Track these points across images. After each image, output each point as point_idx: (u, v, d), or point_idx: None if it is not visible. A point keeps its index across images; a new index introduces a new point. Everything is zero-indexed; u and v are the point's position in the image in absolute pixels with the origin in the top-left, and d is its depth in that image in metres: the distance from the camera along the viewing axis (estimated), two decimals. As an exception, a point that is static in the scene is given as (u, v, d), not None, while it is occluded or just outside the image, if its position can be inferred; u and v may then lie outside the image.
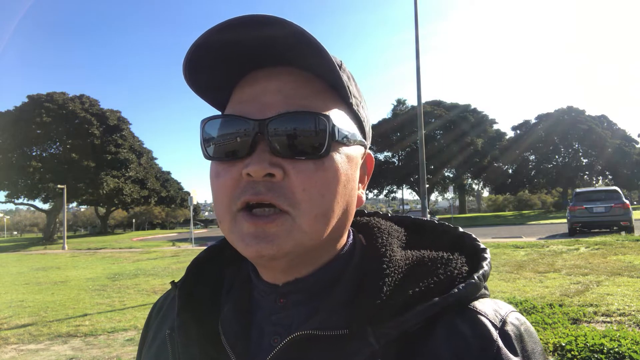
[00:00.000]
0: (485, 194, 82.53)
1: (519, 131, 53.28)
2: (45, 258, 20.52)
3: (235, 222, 0.54)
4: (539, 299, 6.20)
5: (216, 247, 0.72)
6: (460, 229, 0.64)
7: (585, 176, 52.63)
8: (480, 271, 0.55)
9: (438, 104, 54.71)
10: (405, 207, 63.19)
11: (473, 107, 55.37)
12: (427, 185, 20.15)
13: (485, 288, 0.57)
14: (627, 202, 16.55)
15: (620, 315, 5.32)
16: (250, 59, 0.56)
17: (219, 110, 0.63)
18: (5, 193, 39.32)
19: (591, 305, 5.80)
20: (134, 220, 68.51)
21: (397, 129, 51.69)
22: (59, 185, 30.47)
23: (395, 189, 58.73)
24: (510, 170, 54.02)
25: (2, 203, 41.93)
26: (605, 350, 3.75)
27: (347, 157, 0.57)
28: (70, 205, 61.80)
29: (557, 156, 51.65)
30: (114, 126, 42.03)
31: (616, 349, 3.72)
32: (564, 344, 4.01)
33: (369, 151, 0.65)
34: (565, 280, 7.66)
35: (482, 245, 0.60)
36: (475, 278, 0.54)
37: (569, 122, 48.51)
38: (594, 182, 53.99)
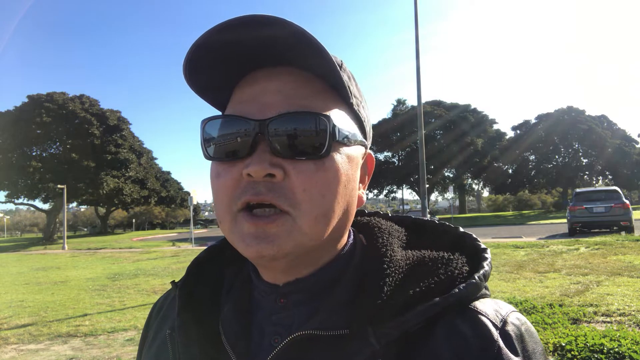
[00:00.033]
0: (485, 194, 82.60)
1: (519, 131, 53.29)
2: (45, 258, 20.52)
3: (235, 223, 0.54)
4: (539, 299, 6.20)
5: (216, 247, 0.72)
6: (461, 229, 0.64)
7: (585, 176, 52.63)
8: (481, 271, 0.55)
9: (438, 104, 54.72)
10: (405, 207, 63.15)
11: (473, 107, 55.40)
12: (427, 185, 20.15)
13: (486, 288, 0.57)
14: (627, 202, 16.55)
15: (620, 315, 5.32)
16: (250, 59, 0.56)
17: (219, 111, 0.63)
18: (5, 193, 39.35)
19: (591, 305, 5.80)
20: (134, 220, 68.47)
21: (397, 129, 51.69)
22: (59, 185, 30.47)
23: (395, 189, 58.74)
24: (510, 170, 54.03)
25: (2, 203, 41.99)
26: (605, 350, 3.75)
27: (348, 157, 0.57)
28: (70, 205, 61.81)
29: (557, 156, 51.65)
30: (114, 126, 42.04)
31: (616, 349, 3.72)
32: (564, 344, 4.01)
33: (369, 151, 0.65)
34: (565, 280, 7.67)
35: (483, 245, 0.60)
36: (476, 278, 0.54)
37: (569, 122, 48.52)
38: (594, 182, 54.00)
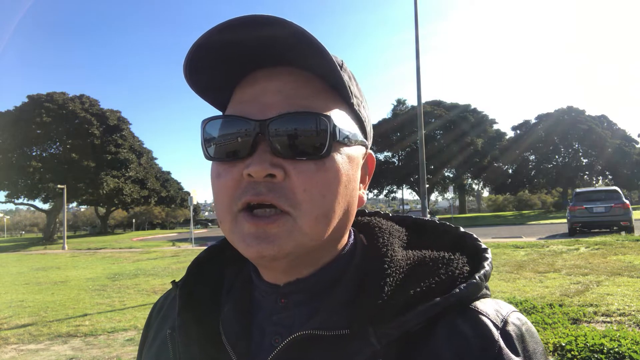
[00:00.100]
0: (485, 194, 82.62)
1: (519, 131, 53.30)
2: (45, 258, 20.52)
3: (236, 223, 0.54)
4: (539, 299, 6.20)
5: (216, 247, 0.72)
6: (462, 229, 0.64)
7: (585, 176, 52.64)
8: (482, 271, 0.55)
9: (438, 104, 54.73)
10: (405, 207, 63.14)
11: (473, 107, 55.43)
12: (427, 185, 20.15)
13: (487, 288, 0.56)
14: (627, 202, 16.55)
15: (620, 315, 5.32)
16: (251, 59, 0.56)
17: (220, 111, 0.63)
18: (5, 193, 39.36)
19: (591, 305, 5.80)
20: (134, 220, 68.48)
21: (397, 129, 51.70)
22: (59, 185, 30.48)
23: (395, 189, 58.75)
24: (510, 170, 54.04)
25: (2, 203, 42.00)
26: (605, 350, 3.75)
27: (348, 158, 0.57)
28: (70, 205, 61.86)
29: (557, 156, 51.67)
30: (114, 126, 42.05)
31: (616, 349, 3.72)
32: (564, 344, 4.01)
33: (370, 151, 0.65)
34: (565, 280, 7.67)
35: (484, 245, 0.60)
36: (477, 278, 0.54)
37: (569, 122, 48.53)
38: (594, 182, 54.00)
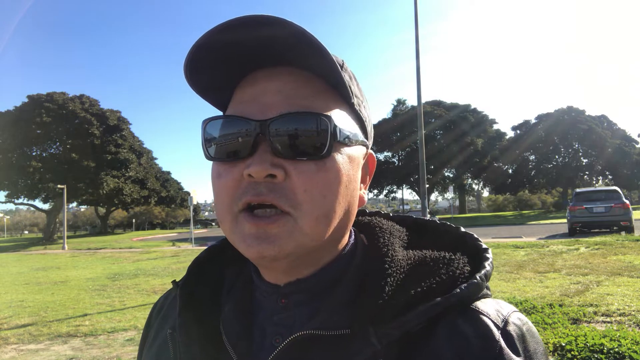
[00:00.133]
0: (485, 194, 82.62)
1: (519, 131, 53.30)
2: (45, 258, 20.52)
3: (236, 223, 0.54)
4: (539, 299, 6.19)
5: (217, 247, 0.72)
6: (462, 229, 0.64)
7: (585, 176, 52.64)
8: (483, 271, 0.55)
9: (438, 104, 54.73)
10: (405, 207, 63.14)
11: (473, 107, 55.43)
12: (427, 185, 20.15)
13: (487, 288, 0.56)
14: (627, 202, 16.55)
15: (620, 315, 5.32)
16: (251, 59, 0.56)
17: (220, 111, 0.63)
18: (5, 193, 39.35)
19: (591, 305, 5.80)
20: (134, 220, 68.47)
21: (397, 129, 51.70)
22: (59, 185, 30.47)
23: (395, 189, 58.76)
24: (510, 170, 54.04)
25: (2, 203, 41.99)
26: (605, 350, 3.75)
27: (349, 158, 0.56)
28: (70, 205, 61.86)
29: (557, 156, 51.67)
30: (114, 126, 42.04)
31: (616, 349, 3.72)
32: (564, 344, 4.01)
33: (370, 151, 0.65)
34: (565, 280, 7.66)
35: (484, 245, 0.60)
36: (478, 278, 0.54)
37: (569, 122, 48.53)
38: (594, 182, 54.00)
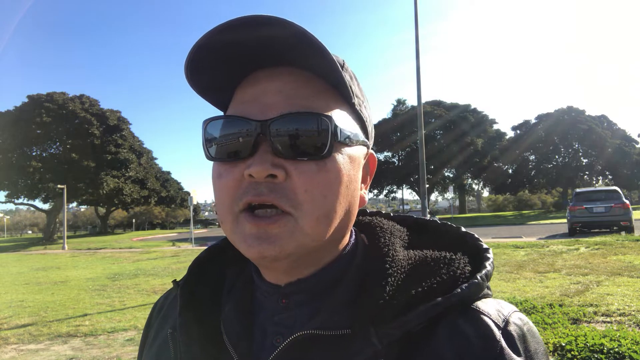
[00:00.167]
0: (485, 194, 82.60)
1: (519, 131, 53.30)
2: (45, 258, 20.52)
3: (237, 223, 0.54)
4: (539, 299, 6.19)
5: (217, 247, 0.72)
6: (463, 229, 0.64)
7: (585, 176, 52.65)
8: (483, 271, 0.55)
9: (438, 104, 54.73)
10: (405, 207, 63.14)
11: (473, 107, 55.42)
12: (427, 185, 20.15)
13: (488, 288, 0.56)
14: (627, 202, 16.55)
15: (620, 315, 5.32)
16: (252, 59, 0.56)
17: (221, 111, 0.63)
18: (5, 193, 39.35)
19: (591, 305, 5.80)
20: (134, 220, 68.46)
21: (397, 129, 51.70)
22: (59, 185, 30.47)
23: (395, 189, 58.76)
24: (510, 170, 54.05)
25: (2, 203, 41.99)
26: (605, 350, 3.75)
27: (350, 158, 0.56)
28: (70, 205, 61.87)
29: (557, 156, 51.67)
30: (114, 126, 42.04)
31: (616, 349, 3.72)
32: (564, 344, 4.01)
33: (371, 151, 0.65)
34: (565, 280, 7.66)
35: (485, 245, 0.60)
36: (478, 278, 0.54)
37: (569, 122, 48.53)
38: (594, 182, 54.01)
